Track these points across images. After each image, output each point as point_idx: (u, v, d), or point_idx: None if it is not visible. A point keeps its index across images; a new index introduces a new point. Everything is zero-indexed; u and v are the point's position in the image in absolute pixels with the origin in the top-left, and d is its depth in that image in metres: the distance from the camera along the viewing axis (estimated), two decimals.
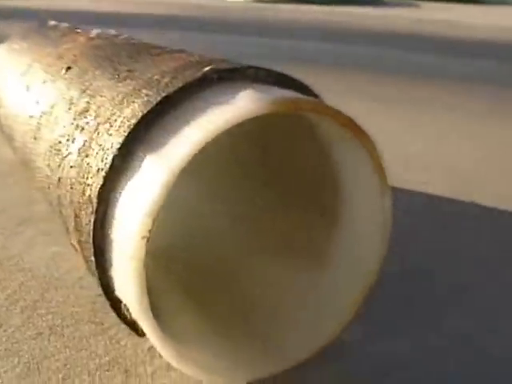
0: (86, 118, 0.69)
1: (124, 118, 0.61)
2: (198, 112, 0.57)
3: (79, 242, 0.66)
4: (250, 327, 0.72)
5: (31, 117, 0.90)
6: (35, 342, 0.74)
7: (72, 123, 0.72)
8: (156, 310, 0.57)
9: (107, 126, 0.63)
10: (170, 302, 0.76)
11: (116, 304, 0.63)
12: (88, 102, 0.72)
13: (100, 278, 0.61)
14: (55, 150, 0.75)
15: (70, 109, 0.76)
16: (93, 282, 0.85)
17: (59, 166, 0.72)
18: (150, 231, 0.54)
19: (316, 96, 0.67)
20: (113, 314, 0.64)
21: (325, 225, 0.74)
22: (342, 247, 0.72)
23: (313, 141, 0.71)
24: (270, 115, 0.56)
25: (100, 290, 0.62)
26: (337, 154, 0.68)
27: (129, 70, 0.72)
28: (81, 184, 0.64)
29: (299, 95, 0.59)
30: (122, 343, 0.74)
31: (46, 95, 0.87)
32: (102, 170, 0.60)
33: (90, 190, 0.61)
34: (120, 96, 0.66)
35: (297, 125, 0.73)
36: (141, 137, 0.59)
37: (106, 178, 0.59)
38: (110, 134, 0.62)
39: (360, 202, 0.69)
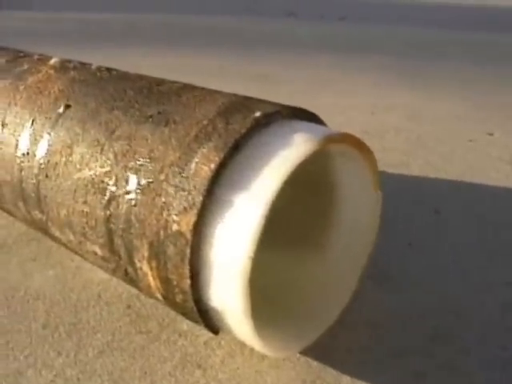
0: (136, 160, 0.81)
1: (198, 162, 0.76)
2: (270, 152, 0.75)
3: (157, 267, 0.79)
4: (284, 309, 0.92)
5: (25, 154, 0.95)
6: (102, 360, 0.85)
7: (116, 164, 0.83)
8: None
9: (177, 168, 0.77)
10: None
11: (204, 313, 0.79)
12: (128, 145, 0.83)
13: (193, 293, 0.76)
14: (95, 188, 0.85)
15: (102, 149, 0.86)
16: (113, 296, 0.97)
17: (108, 202, 0.83)
18: (254, 252, 0.71)
19: (323, 123, 0.88)
20: (153, 323, 0.80)
21: (323, 217, 0.96)
22: (337, 236, 0.95)
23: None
24: None
25: (120, 305, 0.77)
26: (336, 160, 0.89)
27: (160, 113, 0.84)
28: (158, 220, 0.77)
29: (341, 132, 0.79)
30: (180, 344, 0.89)
31: (47, 134, 0.93)
32: (191, 208, 0.74)
33: (179, 225, 0.75)
34: (175, 140, 0.79)
35: None
36: (222, 178, 0.74)
37: (198, 215, 0.73)
38: (186, 177, 0.76)
39: (355, 196, 0.92)
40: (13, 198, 1.03)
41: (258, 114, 0.79)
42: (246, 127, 0.77)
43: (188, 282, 0.76)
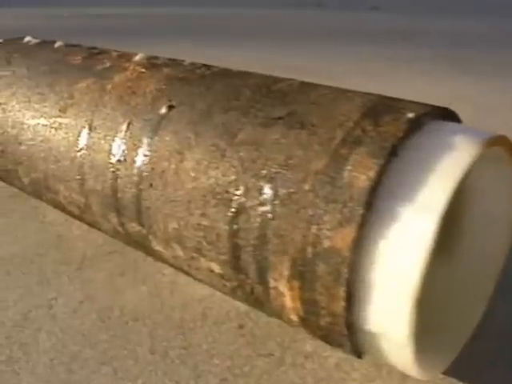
0: (270, 167, 0.73)
1: (352, 170, 0.68)
2: (432, 156, 0.67)
3: (300, 287, 0.71)
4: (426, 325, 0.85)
5: (121, 161, 0.87)
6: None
7: (244, 172, 0.75)
8: None
9: (325, 177, 0.69)
10: None
11: (352, 336, 0.72)
12: (257, 150, 0.75)
13: (346, 316, 0.69)
14: (217, 199, 0.77)
15: (224, 155, 0.78)
16: (219, 315, 0.91)
17: (235, 215, 0.75)
18: (424, 272, 0.64)
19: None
20: (273, 344, 0.72)
21: (453, 224, 0.89)
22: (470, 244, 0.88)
23: None
24: None
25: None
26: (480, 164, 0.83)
27: (290, 114, 0.77)
28: (305, 236, 0.69)
29: (499, 135, 0.72)
30: (308, 367, 0.82)
31: (148, 138, 0.85)
32: (348, 222, 0.66)
33: (332, 241, 0.67)
34: (318, 145, 0.72)
35: None
36: (382, 187, 0.67)
37: (357, 230, 0.66)
38: (340, 187, 0.68)
39: (491, 202, 0.86)
40: (102, 209, 0.95)
41: (410, 115, 0.72)
42: (402, 130, 0.70)
43: (342, 304, 0.69)
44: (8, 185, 1.22)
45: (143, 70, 0.96)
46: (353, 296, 0.69)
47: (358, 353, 0.75)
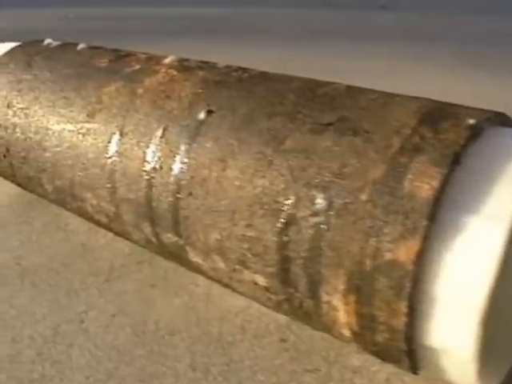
0: (323, 176, 0.70)
1: (413, 179, 0.65)
2: (497, 165, 0.65)
3: (357, 301, 0.69)
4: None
5: (157, 169, 0.84)
6: None
7: (294, 181, 0.72)
8: None
9: (384, 187, 0.66)
10: None
11: (410, 352, 0.69)
12: (308, 158, 0.72)
13: (406, 331, 0.66)
14: (264, 209, 0.74)
15: (271, 163, 0.75)
16: (259, 328, 0.88)
17: (285, 226, 0.72)
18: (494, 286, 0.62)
19: None
20: (318, 359, 0.73)
21: None
22: None
23: None
24: None
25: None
26: None
27: (341, 120, 0.74)
28: (363, 248, 0.67)
29: None
30: (358, 383, 0.79)
31: (186, 144, 0.82)
32: (412, 234, 0.64)
33: (394, 254, 0.65)
34: (374, 153, 0.69)
35: None
36: (446, 197, 0.64)
37: (422, 242, 0.63)
38: (400, 197, 0.65)
39: None
40: (134, 219, 0.91)
41: (471, 121, 0.69)
42: (464, 137, 0.67)
43: (403, 319, 0.66)
44: (28, 192, 1.18)
45: (175, 73, 0.92)
46: (414, 311, 0.66)
47: (415, 369, 0.73)
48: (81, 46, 1.10)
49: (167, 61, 0.97)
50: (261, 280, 0.79)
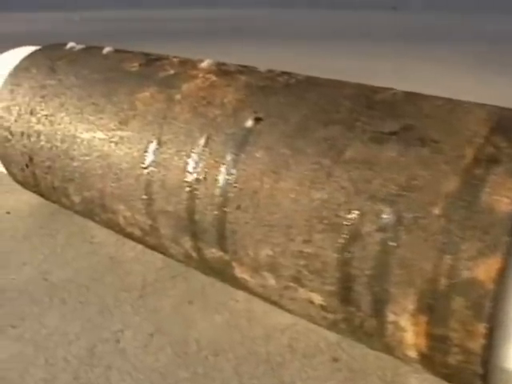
0: (390, 189, 0.66)
1: (491, 192, 0.62)
2: None
3: (429, 322, 0.65)
4: None
5: (201, 180, 0.80)
6: None
7: (357, 193, 0.68)
8: None
9: (459, 201, 0.63)
10: None
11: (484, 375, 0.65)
12: (371, 169, 0.69)
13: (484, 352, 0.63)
14: (324, 224, 0.70)
15: (330, 174, 0.71)
16: (308, 346, 0.85)
17: (348, 242, 0.68)
18: None
19: None
20: (373, 379, 0.71)
21: None
22: None
23: None
24: None
25: None
26: None
27: (405, 129, 0.70)
28: (437, 266, 0.63)
29: None
30: None
31: (233, 154, 0.78)
32: (492, 251, 0.60)
33: (473, 272, 0.61)
34: (445, 164, 0.65)
35: None
36: None
37: (503, 260, 0.60)
38: (477, 211, 0.62)
39: None
40: (173, 232, 0.87)
41: None
42: None
43: (481, 341, 0.62)
44: (51, 202, 1.13)
45: (215, 78, 0.88)
46: (491, 332, 0.62)
47: None
48: (107, 49, 1.06)
49: (204, 65, 0.92)
50: (317, 298, 0.75)
